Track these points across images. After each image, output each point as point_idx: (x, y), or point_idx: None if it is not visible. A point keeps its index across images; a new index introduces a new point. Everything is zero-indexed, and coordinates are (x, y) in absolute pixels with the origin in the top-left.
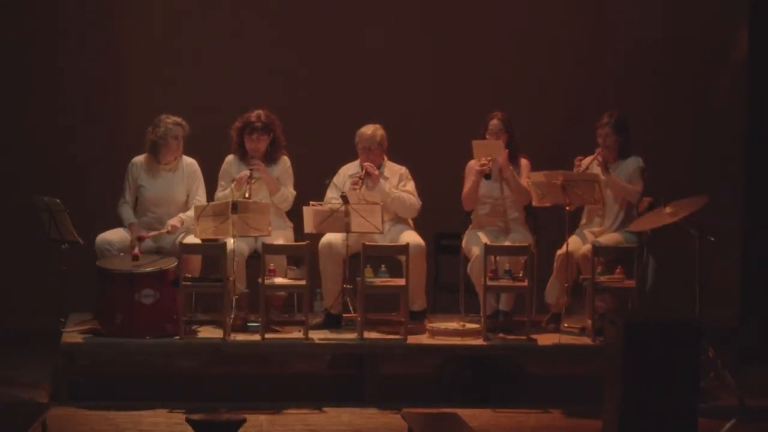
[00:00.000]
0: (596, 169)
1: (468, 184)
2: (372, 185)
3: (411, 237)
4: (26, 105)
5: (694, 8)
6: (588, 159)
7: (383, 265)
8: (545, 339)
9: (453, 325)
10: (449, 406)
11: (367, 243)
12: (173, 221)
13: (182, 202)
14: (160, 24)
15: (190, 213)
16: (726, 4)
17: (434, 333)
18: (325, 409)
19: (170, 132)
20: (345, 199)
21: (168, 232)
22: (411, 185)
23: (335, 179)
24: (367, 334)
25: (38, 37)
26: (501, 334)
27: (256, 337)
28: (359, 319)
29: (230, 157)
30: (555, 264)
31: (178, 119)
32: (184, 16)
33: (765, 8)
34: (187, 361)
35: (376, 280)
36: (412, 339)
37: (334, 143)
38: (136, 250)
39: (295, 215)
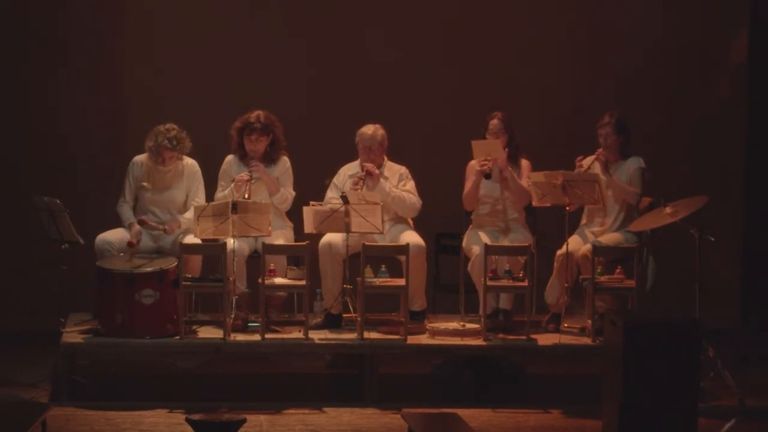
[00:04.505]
0: (597, 170)
1: (469, 184)
2: (372, 185)
3: (411, 237)
4: (26, 105)
5: (694, 9)
6: (589, 159)
7: (383, 265)
8: (545, 339)
9: (453, 325)
10: (449, 406)
11: (367, 243)
12: (172, 224)
13: (182, 202)
14: (161, 23)
15: (189, 215)
16: (726, 6)
17: (434, 333)
18: (325, 409)
19: (160, 153)
20: (345, 199)
21: (164, 231)
22: (411, 185)
23: (335, 179)
24: (367, 334)
25: (38, 36)
26: (501, 334)
27: (256, 337)
28: (359, 319)
29: (230, 158)
30: (555, 264)
31: (176, 139)
32: (184, 16)
33: (765, 10)
34: (187, 361)
35: (376, 280)
36: (412, 339)
37: (334, 143)
38: (134, 240)
39: (295, 215)
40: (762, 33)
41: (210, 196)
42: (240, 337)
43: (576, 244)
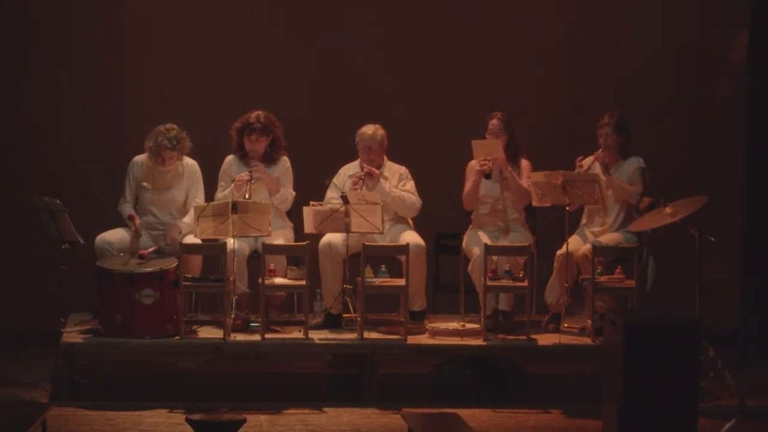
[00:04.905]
0: (597, 170)
1: (469, 184)
2: (372, 185)
3: (411, 237)
4: (26, 105)
5: (694, 9)
6: (588, 159)
7: (383, 265)
8: (545, 339)
9: (453, 325)
10: (449, 406)
11: (367, 243)
12: (172, 230)
13: (182, 202)
14: (161, 23)
15: (188, 219)
16: (726, 6)
17: (434, 333)
18: (325, 409)
19: (160, 153)
20: (345, 199)
21: (167, 243)
22: (411, 184)
23: (335, 179)
24: (367, 334)
25: (38, 36)
26: (501, 335)
27: (256, 337)
28: (359, 319)
29: (230, 158)
30: (555, 264)
31: (176, 139)
32: (184, 16)
33: (765, 10)
34: (187, 361)
35: (376, 280)
36: (412, 339)
37: (334, 143)
38: (143, 251)
39: (295, 215)
40: (762, 33)
41: (210, 196)
42: (240, 337)
43: (576, 244)
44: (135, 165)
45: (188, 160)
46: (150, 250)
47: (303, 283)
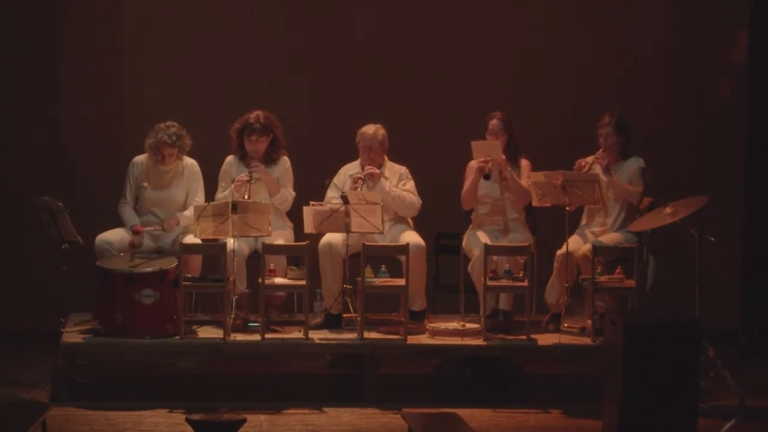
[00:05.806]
0: (597, 170)
1: (468, 184)
2: (372, 184)
3: (411, 237)
4: (26, 105)
5: (694, 9)
6: (589, 159)
7: (383, 265)
8: (545, 339)
9: (453, 325)
10: (449, 406)
11: (367, 243)
12: (170, 220)
13: (182, 202)
14: (161, 24)
15: (188, 213)
16: (726, 6)
17: (434, 333)
18: (325, 409)
19: (160, 150)
20: (345, 199)
21: (163, 229)
22: (411, 184)
23: (335, 179)
24: (367, 334)
25: (38, 36)
26: (501, 334)
27: (256, 337)
28: (359, 319)
29: (230, 158)
30: (555, 264)
31: (176, 136)
32: (184, 17)
33: (765, 10)
34: (187, 361)
35: (376, 280)
36: (412, 339)
37: (334, 143)
38: (134, 239)
39: (295, 215)
40: (762, 33)
41: (210, 196)
42: (240, 337)
43: (576, 244)
44: (135, 165)
45: (188, 160)
46: (150, 228)
47: (303, 283)
